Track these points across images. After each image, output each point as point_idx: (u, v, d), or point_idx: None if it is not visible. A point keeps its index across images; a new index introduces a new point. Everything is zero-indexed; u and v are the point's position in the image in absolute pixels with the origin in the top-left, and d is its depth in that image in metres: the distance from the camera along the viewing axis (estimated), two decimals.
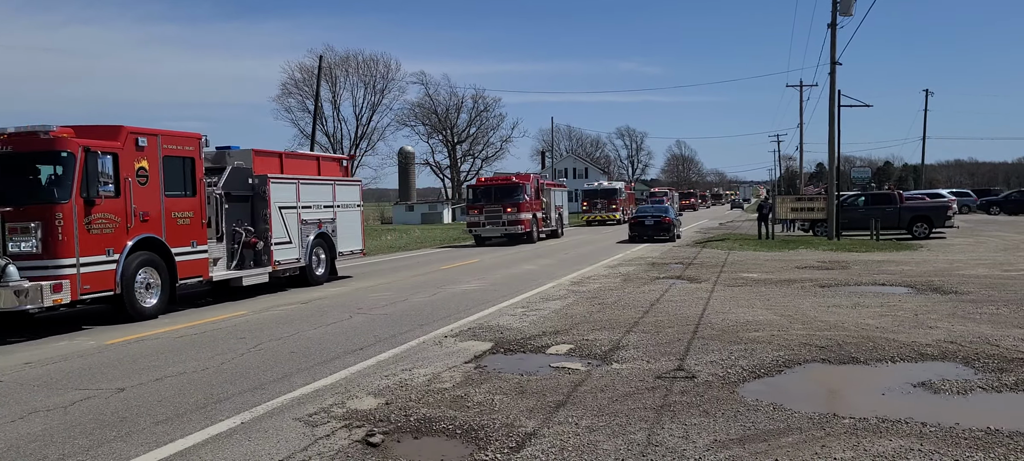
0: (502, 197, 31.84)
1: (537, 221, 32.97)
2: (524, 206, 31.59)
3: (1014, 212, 48.18)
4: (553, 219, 35.93)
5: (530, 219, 32.01)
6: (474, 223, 32.47)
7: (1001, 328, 9.23)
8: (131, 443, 5.71)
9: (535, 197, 32.96)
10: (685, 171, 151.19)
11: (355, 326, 10.91)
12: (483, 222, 31.92)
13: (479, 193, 33.09)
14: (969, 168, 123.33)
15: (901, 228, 28.56)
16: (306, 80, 69.84)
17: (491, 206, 31.82)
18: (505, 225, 31.43)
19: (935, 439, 5.19)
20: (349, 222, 18.30)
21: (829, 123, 28.03)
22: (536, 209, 33.02)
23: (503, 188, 32.36)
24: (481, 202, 32.35)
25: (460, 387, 7.06)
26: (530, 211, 32.09)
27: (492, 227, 31.59)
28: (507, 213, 31.36)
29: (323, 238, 17.19)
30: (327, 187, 17.49)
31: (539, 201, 33.70)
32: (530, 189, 32.39)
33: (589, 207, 53.39)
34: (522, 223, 31.43)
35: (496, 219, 31.61)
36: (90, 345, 9.98)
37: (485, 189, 33.07)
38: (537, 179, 34.48)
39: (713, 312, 11.03)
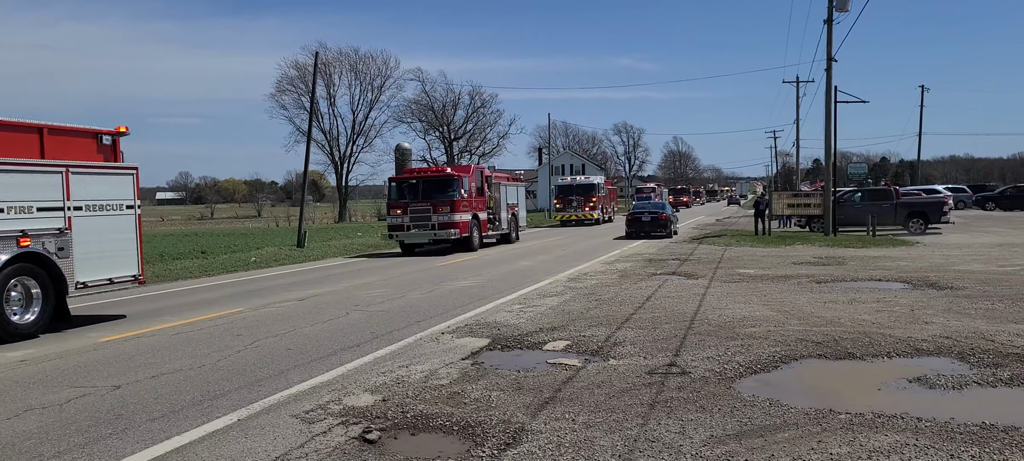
0: (432, 193, 25.36)
1: (480, 223, 26.77)
2: (461, 204, 25.22)
3: (1010, 208, 48.33)
4: (503, 220, 29.30)
5: (469, 221, 25.71)
6: (397, 226, 25.65)
7: (996, 323, 9.25)
8: (126, 440, 5.70)
9: (477, 194, 26.83)
10: (682, 167, 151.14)
11: (351, 323, 10.90)
12: (408, 225, 25.32)
13: (402, 188, 26.33)
14: (965, 164, 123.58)
15: (897, 224, 28.63)
16: (301, 77, 69.90)
17: (418, 205, 25.32)
18: (435, 228, 24.88)
19: (930, 434, 5.20)
20: (106, 233, 11.62)
21: (825, 119, 28.09)
22: (479, 208, 26.87)
23: (433, 182, 25.76)
24: (405, 199, 25.80)
25: (457, 383, 7.06)
26: (469, 211, 25.85)
27: (419, 231, 25.08)
28: (438, 213, 24.87)
29: (31, 262, 10.46)
30: (45, 177, 10.72)
31: (483, 199, 27.52)
32: (469, 183, 26.12)
33: (562, 205, 47.42)
34: (457, 226, 24.89)
35: (424, 221, 25.08)
36: (86, 342, 9.96)
37: (410, 183, 26.23)
38: (482, 172, 28.51)
39: (709, 308, 11.04)
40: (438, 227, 24.86)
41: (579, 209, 46.29)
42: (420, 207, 25.29)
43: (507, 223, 29.67)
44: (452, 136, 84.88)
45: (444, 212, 24.97)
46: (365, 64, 76.46)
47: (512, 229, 30.29)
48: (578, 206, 46.47)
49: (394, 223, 25.83)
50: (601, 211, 46.98)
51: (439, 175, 26.22)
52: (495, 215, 28.73)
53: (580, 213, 46.22)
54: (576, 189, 47.60)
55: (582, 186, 47.88)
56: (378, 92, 77.46)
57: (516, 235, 30.89)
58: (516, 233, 30.94)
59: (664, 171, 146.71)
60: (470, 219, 25.79)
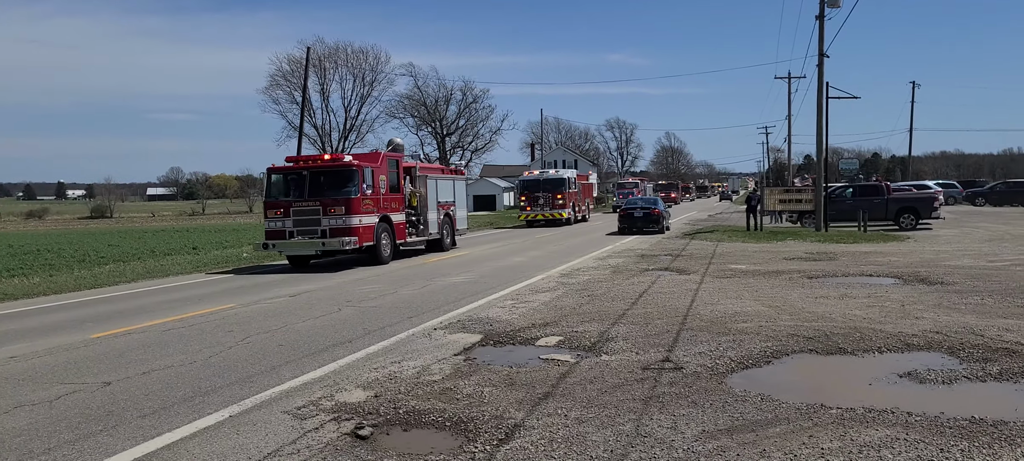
0: (323, 189, 19.29)
1: (393, 228, 20.89)
2: (362, 204, 19.21)
3: (999, 203, 48.59)
4: (432, 223, 23.46)
5: (374, 225, 19.76)
6: (276, 233, 19.42)
7: (986, 318, 9.30)
8: (117, 437, 5.68)
9: (389, 190, 20.84)
10: (674, 163, 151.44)
11: (344, 319, 10.88)
12: (290, 230, 19.23)
13: (287, 181, 19.88)
14: (955, 160, 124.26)
15: (888, 219, 28.74)
16: (294, 72, 69.54)
17: (304, 205, 19.16)
18: (326, 235, 18.85)
19: (920, 428, 5.23)
20: None
21: (817, 115, 28.15)
22: (392, 208, 20.95)
23: (325, 174, 19.48)
24: (288, 198, 19.60)
25: (449, 379, 7.06)
26: (375, 211, 19.88)
27: (305, 239, 18.99)
28: (331, 216, 18.90)
29: None
30: None
31: (399, 196, 21.57)
32: (376, 177, 19.99)
33: (528, 203, 40.96)
34: (355, 232, 18.82)
35: (311, 226, 19.06)
36: (76, 339, 9.91)
37: (295, 175, 19.72)
38: (397, 162, 22.08)
39: (702, 303, 11.06)
40: (330, 234, 18.78)
41: (548, 207, 40.23)
42: (306, 207, 19.10)
43: (438, 226, 23.78)
44: (444, 131, 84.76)
45: (337, 214, 18.83)
46: (357, 59, 76.22)
47: (446, 234, 24.48)
48: (546, 204, 40.33)
49: (273, 228, 19.45)
50: (573, 209, 41.42)
51: (332, 165, 19.59)
52: (420, 217, 22.89)
53: (547, 212, 40.17)
54: (543, 184, 40.81)
55: (550, 181, 40.98)
56: (370, 87, 77.23)
57: (451, 241, 24.94)
58: (451, 238, 24.97)
59: (656, 167, 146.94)
60: (377, 223, 19.77)
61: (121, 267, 21.23)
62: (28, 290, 16.04)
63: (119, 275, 19.01)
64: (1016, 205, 46.95)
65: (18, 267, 21.20)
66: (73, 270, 20.32)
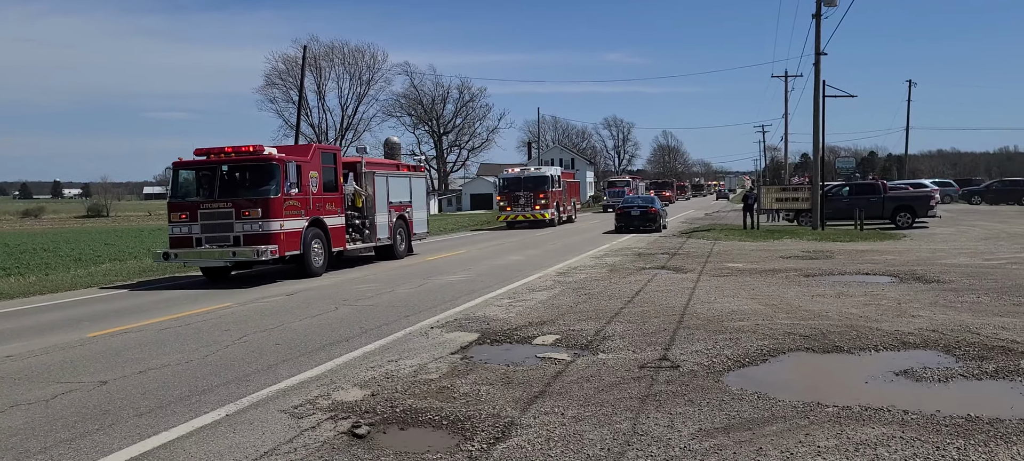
0: (236, 188, 16.30)
1: (328, 233, 17.67)
2: (281, 205, 15.92)
3: (995, 202, 48.74)
4: (384, 226, 20.51)
5: (302, 231, 16.55)
6: (181, 240, 16.28)
7: (982, 316, 9.32)
8: (113, 436, 5.67)
9: (320, 189, 17.52)
10: (671, 161, 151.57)
11: (341, 317, 10.87)
12: (198, 236, 16.11)
13: (199, 178, 16.76)
14: (951, 158, 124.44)
15: (885, 218, 28.79)
16: (290, 71, 69.58)
17: (213, 206, 16.08)
18: (239, 243, 15.73)
19: (916, 426, 5.24)
20: None
21: (814, 113, 28.19)
22: (326, 210, 17.70)
23: (239, 170, 16.47)
24: (195, 197, 16.55)
25: (446, 378, 7.06)
26: (301, 214, 16.62)
27: (213, 247, 15.92)
28: (245, 219, 15.74)
29: None
30: None
31: (336, 196, 18.29)
32: (305, 173, 16.84)
33: (508, 202, 38.18)
34: (274, 239, 15.67)
35: (221, 230, 15.93)
36: (72, 338, 9.89)
37: (207, 171, 16.58)
38: (335, 155, 18.89)
39: (698, 302, 11.07)
40: (243, 241, 15.66)
41: (528, 208, 37.29)
42: (216, 210, 15.98)
43: (389, 230, 20.63)
44: (441, 130, 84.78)
45: (253, 217, 15.66)
46: (354, 58, 76.31)
47: (400, 239, 21.37)
48: (527, 204, 37.40)
49: (178, 234, 16.29)
50: (556, 209, 38.32)
51: (248, 159, 16.27)
52: (366, 219, 19.82)
53: (528, 213, 37.24)
54: (524, 183, 37.87)
55: (532, 179, 38.00)
56: (367, 86, 77.34)
57: (406, 247, 21.88)
58: (406, 244, 21.90)
59: (653, 165, 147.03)
60: (305, 228, 16.63)
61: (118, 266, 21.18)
62: (24, 289, 16.01)
63: (116, 274, 18.97)
64: (1012, 203, 47.08)
65: (14, 266, 21.14)
66: (69, 269, 20.28)
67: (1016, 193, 48.77)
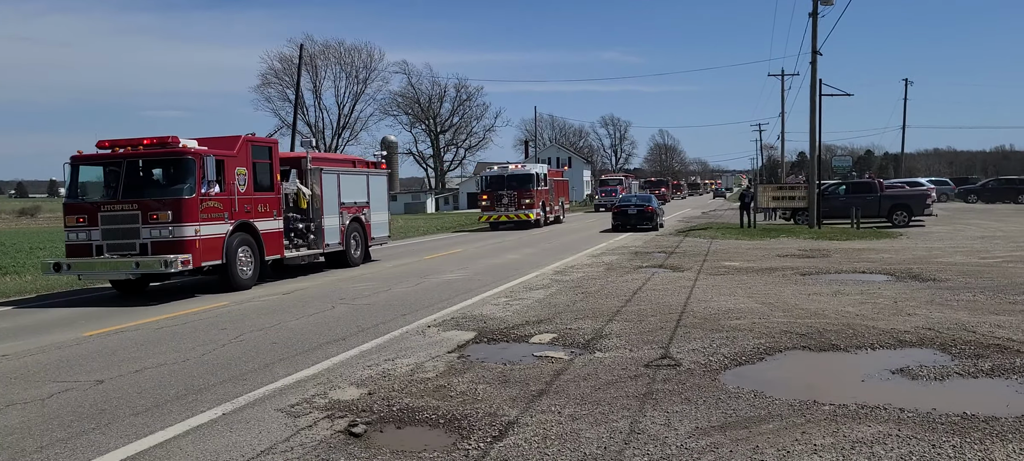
0: (142, 187, 14.01)
1: (261, 239, 15.13)
2: (197, 207, 13.55)
3: (991, 200, 48.90)
4: (334, 230, 17.86)
5: (223, 237, 14.10)
6: (79, 248, 13.86)
7: (978, 315, 9.34)
8: (110, 435, 5.66)
9: (250, 187, 14.97)
10: (668, 160, 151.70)
11: (337, 316, 10.87)
12: (98, 244, 13.70)
13: (99, 178, 14.82)
14: (948, 157, 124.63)
15: (881, 216, 28.85)
16: (286, 70, 69.53)
17: (115, 208, 13.70)
18: (146, 252, 13.36)
19: (913, 424, 5.25)
20: None
21: (810, 112, 28.23)
22: (259, 213, 15.15)
23: (147, 166, 14.36)
24: (98, 198, 14.24)
25: (443, 377, 7.06)
26: (224, 217, 14.19)
27: (115, 256, 13.49)
28: (154, 223, 13.35)
29: None
30: None
31: (273, 196, 15.70)
32: (223, 170, 14.26)
33: (490, 201, 35.93)
34: (188, 247, 13.33)
35: (125, 236, 13.56)
36: (67, 337, 9.87)
37: (112, 165, 14.28)
38: (270, 149, 16.03)
39: (695, 301, 11.08)
40: (150, 249, 13.29)
41: (513, 207, 35.24)
42: (119, 212, 13.61)
43: (341, 235, 18.11)
44: (438, 129, 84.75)
45: (162, 221, 13.25)
46: (350, 56, 76.16)
47: (356, 244, 18.93)
48: (511, 204, 35.34)
49: (75, 241, 13.86)
50: (542, 209, 36.31)
51: (157, 152, 13.96)
52: (311, 223, 17.20)
53: (512, 213, 35.18)
54: (508, 181, 35.86)
55: (516, 177, 36.04)
56: (363, 84, 77.15)
57: (362, 253, 19.30)
58: (362, 249, 19.32)
59: (650, 164, 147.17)
60: (229, 233, 14.24)
61: None
62: (20, 288, 15.97)
63: None
64: (1008, 202, 47.25)
65: (10, 265, 21.07)
66: None
67: (1012, 191, 48.94)
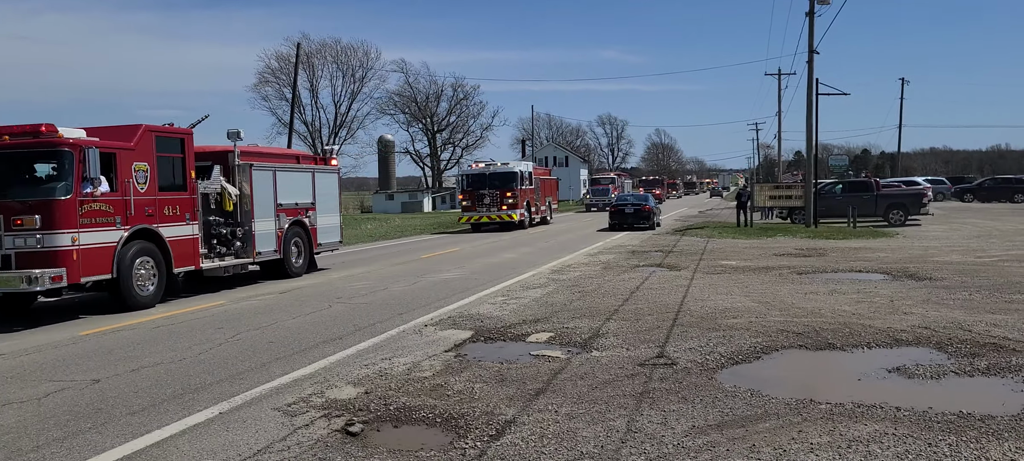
0: (6, 186, 11.16)
1: (168, 247, 12.76)
2: (74, 211, 11.10)
3: (987, 199, 49.00)
4: (269, 236, 15.46)
5: (113, 246, 11.68)
6: None
7: (974, 314, 9.36)
8: (106, 434, 5.65)
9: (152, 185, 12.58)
10: (665, 159, 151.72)
11: (334, 315, 10.86)
12: None
13: None
14: (944, 156, 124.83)
15: (877, 215, 28.90)
16: (283, 68, 69.40)
17: None
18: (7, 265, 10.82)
19: (909, 423, 5.26)
20: None
21: (807, 111, 28.27)
22: (165, 216, 12.77)
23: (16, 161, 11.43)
24: None
25: (440, 376, 7.06)
26: (114, 223, 11.75)
27: None
28: (18, 230, 10.87)
29: None
30: None
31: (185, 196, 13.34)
32: (116, 165, 11.97)
33: (471, 201, 33.77)
34: (62, 259, 10.90)
35: None
36: (64, 336, 9.85)
37: None
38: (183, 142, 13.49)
39: (692, 299, 11.09)
40: (15, 262, 10.89)
41: (494, 207, 33.09)
42: None
43: (277, 242, 15.65)
44: (435, 128, 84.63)
45: (28, 227, 10.92)
46: (347, 55, 76.03)
47: (297, 251, 16.52)
48: (492, 203, 33.16)
49: None
50: (527, 210, 34.24)
51: (28, 144, 11.44)
52: (238, 228, 14.74)
53: (494, 213, 33.03)
54: (490, 180, 33.50)
55: (499, 176, 33.58)
56: (360, 83, 76.98)
57: (305, 261, 16.80)
58: (306, 257, 16.83)
59: (647, 163, 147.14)
60: (120, 241, 11.81)
61: None
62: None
63: None
64: (1004, 201, 47.35)
65: None
66: None
67: (1008, 191, 49.04)
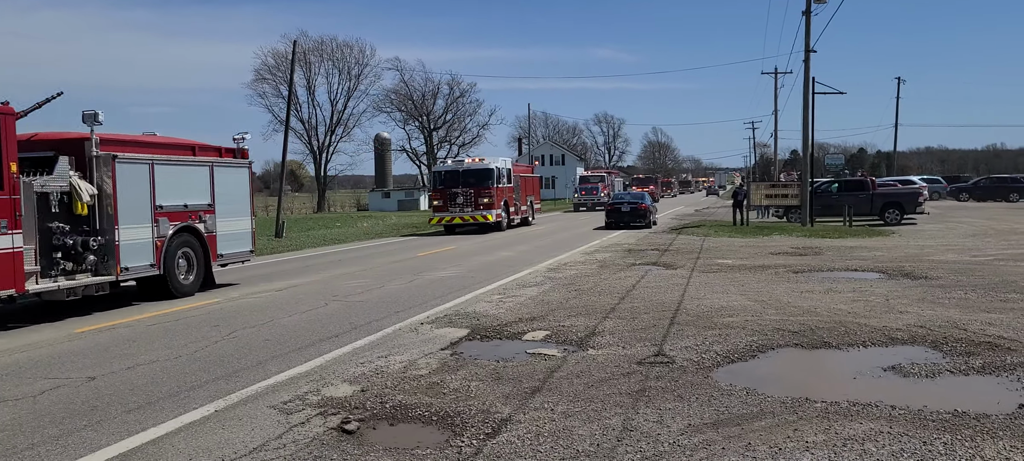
0: None
1: None
2: None
3: (983, 198, 49.17)
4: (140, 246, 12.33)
5: None
6: None
7: (969, 313, 9.39)
8: (102, 432, 5.64)
9: None
10: (661, 157, 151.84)
11: (331, 313, 10.85)
12: None
13: None
14: (940, 155, 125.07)
15: (873, 214, 28.97)
16: (279, 66, 69.26)
17: None
18: None
19: (904, 422, 5.28)
20: None
21: (803, 110, 28.28)
22: None
23: None
24: None
25: (436, 374, 7.06)
26: None
27: None
28: None
29: None
30: None
31: (3, 197, 9.94)
32: None
33: (443, 201, 30.93)
34: None
35: None
36: (59, 334, 9.83)
37: None
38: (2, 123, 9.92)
39: (688, 298, 11.11)
40: None
41: (470, 207, 30.37)
42: None
43: (155, 253, 12.66)
44: (432, 126, 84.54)
45: None
46: (343, 53, 75.92)
47: (186, 266, 13.44)
48: (467, 203, 30.43)
49: None
50: (504, 210, 31.51)
51: None
52: (94, 237, 11.67)
53: (468, 215, 30.30)
54: (463, 177, 30.79)
55: (472, 173, 30.78)
56: (356, 81, 76.85)
57: (194, 278, 13.62)
58: (199, 272, 13.76)
59: (644, 161, 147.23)
60: None
61: None
62: None
63: None
64: (999, 200, 47.50)
65: None
66: None
67: (1003, 190, 49.20)
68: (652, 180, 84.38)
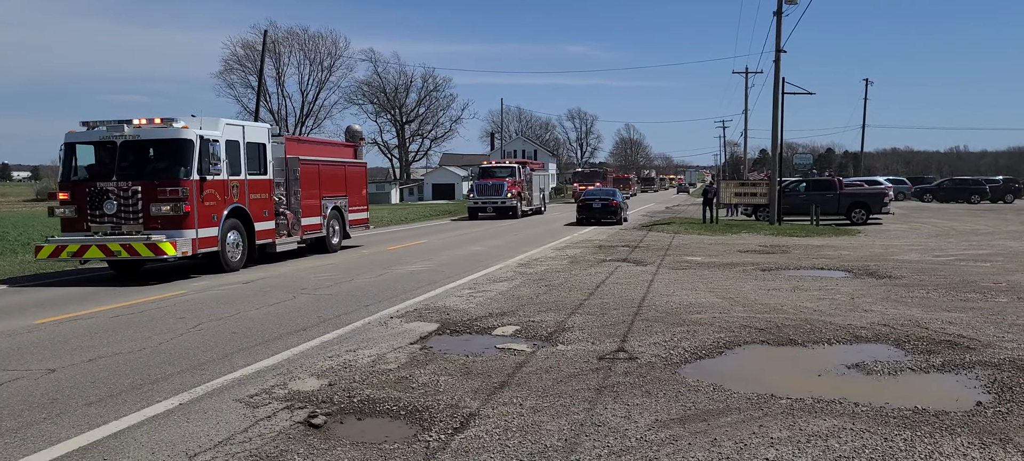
0: None
1: None
2: None
3: (945, 199, 50.27)
4: None
5: None
6: None
7: (930, 311, 9.57)
8: (61, 425, 5.53)
9: None
10: (633, 154, 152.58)
11: (298, 306, 10.74)
12: None
13: None
14: (905, 156, 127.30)
15: (840, 214, 29.40)
16: (249, 56, 68.46)
17: None
18: None
19: (866, 418, 5.36)
20: None
21: (773, 110, 28.60)
22: None
23: None
24: None
25: (405, 368, 7.02)
26: None
27: None
28: None
29: None
30: None
31: None
32: None
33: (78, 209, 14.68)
34: None
35: None
36: (19, 325, 9.62)
37: None
38: None
39: (657, 294, 11.18)
40: None
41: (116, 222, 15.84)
42: None
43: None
44: (404, 119, 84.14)
45: None
46: (314, 43, 75.23)
47: None
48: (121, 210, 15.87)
49: None
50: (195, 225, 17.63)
51: None
52: None
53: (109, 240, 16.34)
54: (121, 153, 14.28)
55: (132, 146, 14.32)
56: (328, 72, 76.33)
57: None
58: None
59: (616, 158, 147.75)
60: None
61: None
62: None
63: None
64: (961, 202, 48.57)
65: None
66: (16, 253, 19.71)
67: (965, 192, 50.34)
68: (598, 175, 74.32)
